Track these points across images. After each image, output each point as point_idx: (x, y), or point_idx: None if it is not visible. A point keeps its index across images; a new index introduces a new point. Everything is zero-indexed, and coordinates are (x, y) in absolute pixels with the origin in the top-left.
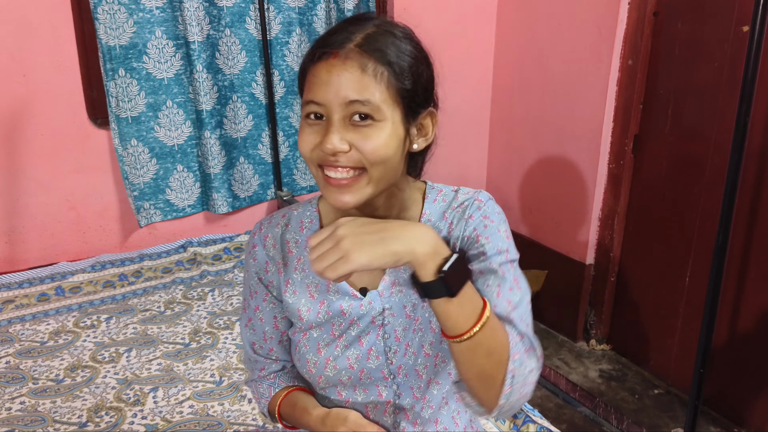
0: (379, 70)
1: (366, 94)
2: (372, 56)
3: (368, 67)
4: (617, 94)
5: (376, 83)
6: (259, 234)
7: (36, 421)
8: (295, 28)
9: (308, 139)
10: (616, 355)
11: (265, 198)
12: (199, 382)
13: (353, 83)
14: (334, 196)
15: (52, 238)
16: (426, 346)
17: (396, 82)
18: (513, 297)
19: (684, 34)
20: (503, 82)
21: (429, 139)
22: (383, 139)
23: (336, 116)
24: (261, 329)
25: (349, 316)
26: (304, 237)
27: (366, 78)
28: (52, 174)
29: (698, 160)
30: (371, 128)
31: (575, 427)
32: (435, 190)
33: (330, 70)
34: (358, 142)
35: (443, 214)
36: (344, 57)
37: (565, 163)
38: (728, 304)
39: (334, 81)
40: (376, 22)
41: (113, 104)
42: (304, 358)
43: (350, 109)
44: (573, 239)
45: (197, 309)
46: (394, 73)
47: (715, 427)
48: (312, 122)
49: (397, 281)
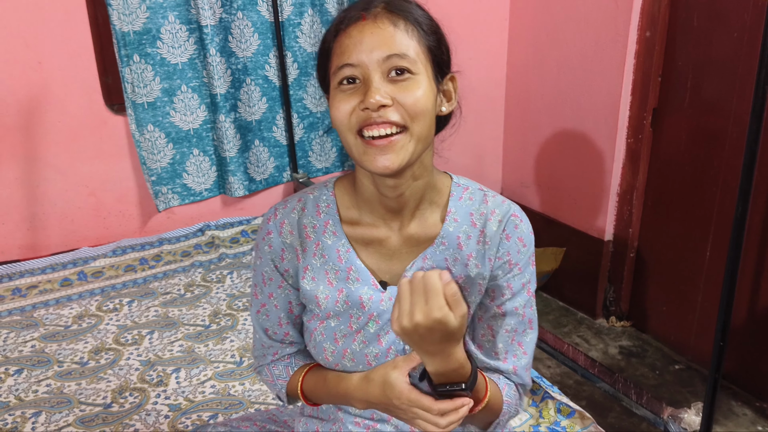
0: (410, 27)
1: (402, 47)
2: (400, 15)
3: (399, 23)
4: (635, 67)
5: (409, 38)
6: (275, 220)
7: (62, 402)
8: (307, 9)
9: (344, 106)
10: (636, 332)
11: (281, 180)
12: (220, 362)
13: (387, 38)
14: (376, 160)
15: (73, 224)
16: None
17: (425, 39)
18: (527, 344)
19: (703, 4)
20: (518, 58)
21: (453, 104)
22: (422, 90)
23: (374, 74)
24: (275, 315)
25: (368, 309)
26: (322, 221)
27: (399, 33)
28: (71, 161)
29: (718, 133)
30: (409, 81)
31: (595, 403)
32: (461, 187)
33: (361, 30)
34: (398, 95)
35: (471, 218)
36: (374, 17)
37: (583, 139)
38: (748, 278)
39: (368, 40)
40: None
41: (129, 90)
42: (320, 346)
43: (387, 64)
44: (591, 216)
45: (216, 291)
46: (422, 30)
47: (736, 401)
48: (346, 88)
49: None
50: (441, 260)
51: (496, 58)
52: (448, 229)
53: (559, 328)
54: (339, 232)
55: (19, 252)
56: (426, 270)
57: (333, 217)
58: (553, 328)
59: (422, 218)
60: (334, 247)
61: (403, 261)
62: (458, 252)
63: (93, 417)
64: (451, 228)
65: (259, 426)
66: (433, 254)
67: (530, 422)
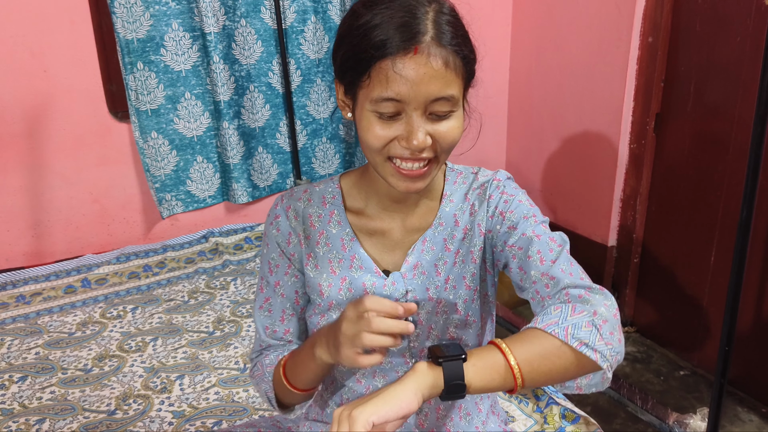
0: (458, 63)
1: (450, 90)
2: (451, 49)
3: (450, 61)
4: (638, 73)
5: (456, 76)
6: (282, 205)
7: (66, 409)
8: (309, 16)
9: (382, 134)
10: (640, 338)
11: (285, 187)
12: (223, 369)
13: (439, 80)
14: (406, 185)
15: (77, 231)
16: (451, 328)
17: (466, 70)
18: (553, 255)
19: (705, 10)
20: (521, 64)
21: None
22: (458, 126)
23: (418, 111)
24: (279, 308)
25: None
26: (327, 211)
27: (449, 73)
28: (75, 168)
29: (722, 138)
30: (449, 119)
31: (600, 409)
32: (455, 172)
33: (415, 67)
34: (437, 134)
35: (465, 196)
36: (426, 52)
37: (586, 144)
38: (753, 283)
39: (418, 78)
40: (424, 3)
41: (133, 97)
42: None
43: (433, 105)
44: (594, 221)
45: (220, 298)
46: (467, 62)
47: (742, 407)
48: (385, 117)
49: (419, 263)
50: (440, 241)
51: (499, 64)
52: (445, 209)
53: None
54: (344, 221)
55: (24, 259)
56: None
57: (338, 208)
58: None
59: (423, 207)
60: (338, 236)
61: (404, 250)
62: (455, 229)
63: (97, 424)
64: (447, 208)
65: None
66: (432, 236)
67: (535, 428)
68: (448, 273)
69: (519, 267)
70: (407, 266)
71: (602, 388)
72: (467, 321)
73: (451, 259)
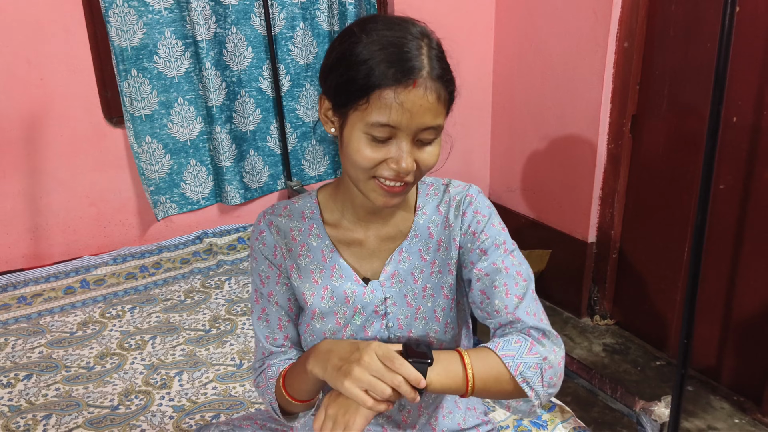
0: (445, 96)
1: (438, 120)
2: (444, 85)
3: (441, 95)
4: (614, 76)
5: (443, 108)
6: (264, 221)
7: (71, 405)
8: (298, 22)
9: (373, 156)
10: (619, 330)
11: (276, 188)
12: (220, 365)
13: (430, 112)
14: (385, 200)
15: (75, 233)
16: (431, 334)
17: (450, 101)
18: (519, 290)
19: (678, 16)
20: (503, 67)
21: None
22: (437, 152)
23: (408, 138)
24: (276, 317)
25: (353, 303)
26: (307, 225)
27: (439, 106)
28: (72, 173)
29: (694, 137)
30: (432, 145)
31: (579, 398)
32: (426, 184)
33: (410, 98)
34: (421, 159)
35: (437, 208)
36: (423, 86)
37: (566, 145)
38: (725, 277)
39: (414, 109)
40: (418, 30)
41: (127, 103)
42: (311, 345)
43: (422, 133)
44: (575, 218)
45: (215, 297)
46: (451, 95)
47: (715, 396)
48: (378, 140)
49: (397, 272)
50: (416, 251)
51: (483, 66)
52: (419, 222)
53: None
54: (323, 234)
55: (23, 261)
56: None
57: (317, 221)
58: None
59: (397, 218)
60: (319, 248)
61: (381, 258)
62: (430, 240)
63: (101, 419)
64: (422, 221)
65: (259, 424)
66: (408, 247)
67: (514, 416)
68: (426, 282)
69: (482, 291)
70: (385, 275)
71: (528, 417)
72: (446, 328)
73: (427, 268)
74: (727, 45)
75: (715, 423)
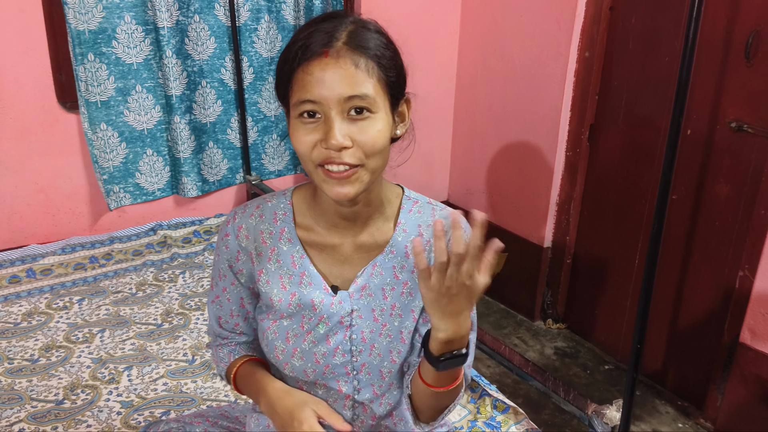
0: (370, 65)
1: (362, 88)
2: (362, 52)
3: (360, 62)
4: (575, 85)
5: (369, 77)
6: (233, 224)
7: (13, 399)
8: (263, 14)
9: (306, 139)
10: (570, 333)
11: (234, 182)
12: (172, 360)
13: (349, 79)
14: (336, 189)
15: (21, 220)
16: (394, 353)
17: (384, 75)
18: (472, 338)
19: (638, 29)
20: (467, 71)
21: (407, 125)
22: (380, 128)
23: (334, 112)
24: (228, 307)
25: (319, 311)
26: (278, 228)
27: (359, 73)
28: (20, 157)
29: (649, 149)
30: (368, 120)
31: (531, 401)
32: (411, 200)
33: (324, 68)
34: (357, 135)
35: (419, 229)
36: (336, 55)
37: (526, 151)
38: (672, 285)
39: (329, 78)
40: (350, 20)
41: (82, 88)
42: (272, 345)
43: (348, 104)
44: (532, 223)
45: (168, 290)
46: (382, 67)
47: (660, 400)
48: (306, 121)
49: (367, 285)
50: (389, 267)
51: (447, 69)
52: (397, 238)
53: (500, 330)
54: (294, 239)
55: None
56: (375, 276)
57: (289, 225)
58: (493, 329)
59: (373, 228)
60: (289, 253)
61: (354, 267)
62: (405, 260)
63: (45, 413)
64: (400, 238)
65: (211, 422)
66: (383, 261)
67: (468, 417)
68: (395, 300)
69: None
70: (355, 287)
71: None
72: (410, 349)
73: (399, 287)
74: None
75: (660, 427)
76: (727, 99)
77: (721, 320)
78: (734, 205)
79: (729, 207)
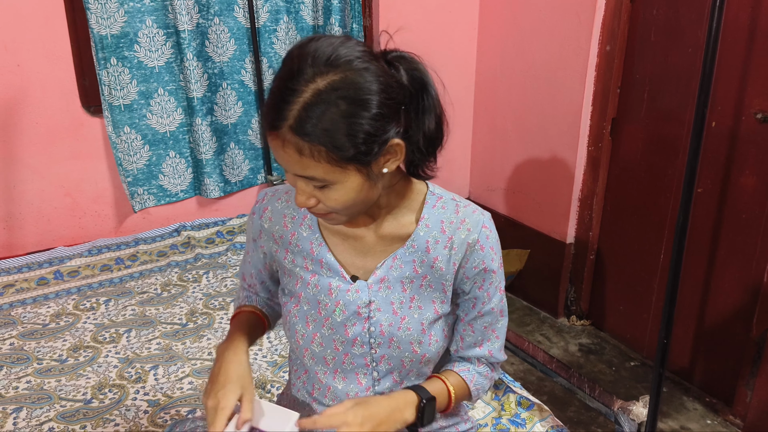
0: (315, 150)
1: (309, 171)
2: (307, 140)
3: (305, 149)
4: (596, 79)
5: (315, 162)
6: (260, 204)
7: (42, 398)
8: (282, 15)
9: (290, 182)
10: (595, 330)
11: (256, 182)
12: (197, 359)
13: (294, 164)
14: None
15: (49, 223)
16: (415, 344)
17: (336, 154)
18: (497, 327)
19: (660, 21)
20: (486, 67)
21: (398, 160)
22: (343, 194)
23: (297, 178)
24: (249, 269)
25: (335, 297)
26: (301, 214)
27: (305, 159)
28: (48, 161)
29: (673, 141)
30: (330, 189)
31: (556, 398)
32: (435, 196)
33: (274, 146)
34: (321, 198)
35: (441, 225)
36: (282, 139)
37: (547, 146)
38: (700, 280)
39: (280, 156)
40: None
41: (106, 92)
42: (293, 328)
43: (302, 179)
44: (554, 219)
45: (193, 291)
46: (332, 148)
47: (688, 397)
48: None
49: (386, 278)
50: (410, 261)
51: (466, 65)
52: (419, 233)
53: (523, 327)
54: (314, 226)
55: None
56: (395, 269)
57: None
58: (517, 326)
59: (397, 220)
60: (308, 239)
61: (375, 258)
62: (426, 255)
63: (74, 412)
64: (422, 233)
65: None
66: (403, 255)
67: (493, 414)
68: (414, 292)
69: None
70: (374, 278)
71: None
72: (431, 341)
73: (418, 280)
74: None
75: (689, 423)
76: (753, 89)
77: (749, 315)
78: (761, 197)
79: (756, 199)
